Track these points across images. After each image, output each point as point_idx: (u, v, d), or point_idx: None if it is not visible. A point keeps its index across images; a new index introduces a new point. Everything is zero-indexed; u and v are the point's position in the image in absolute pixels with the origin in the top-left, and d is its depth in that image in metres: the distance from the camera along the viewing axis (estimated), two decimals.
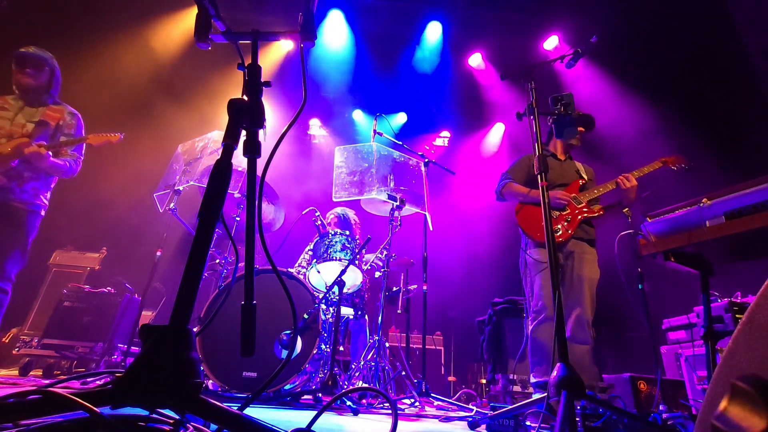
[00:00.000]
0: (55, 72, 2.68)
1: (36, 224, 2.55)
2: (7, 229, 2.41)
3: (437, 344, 4.90)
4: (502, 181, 2.72)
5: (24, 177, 2.45)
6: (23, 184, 2.46)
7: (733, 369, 0.58)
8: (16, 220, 2.45)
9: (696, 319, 2.84)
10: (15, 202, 2.44)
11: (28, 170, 2.46)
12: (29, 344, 3.23)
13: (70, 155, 2.63)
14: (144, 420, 0.79)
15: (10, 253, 2.40)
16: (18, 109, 2.54)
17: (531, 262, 2.48)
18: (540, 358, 2.28)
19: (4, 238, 2.41)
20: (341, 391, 1.43)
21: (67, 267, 4.11)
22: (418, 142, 6.56)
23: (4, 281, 2.39)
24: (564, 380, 1.19)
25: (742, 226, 1.43)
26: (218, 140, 2.81)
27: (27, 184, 2.47)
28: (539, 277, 2.39)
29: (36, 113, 2.56)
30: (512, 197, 2.64)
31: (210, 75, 5.42)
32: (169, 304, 4.28)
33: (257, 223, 0.97)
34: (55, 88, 2.68)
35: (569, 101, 1.90)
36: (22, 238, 2.46)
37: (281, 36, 1.13)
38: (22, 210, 2.47)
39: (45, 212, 2.63)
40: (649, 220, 1.76)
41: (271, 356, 2.19)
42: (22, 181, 2.45)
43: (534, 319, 2.36)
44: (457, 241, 6.00)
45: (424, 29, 5.56)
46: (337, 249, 2.78)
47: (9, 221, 2.42)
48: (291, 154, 6.23)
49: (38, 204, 2.55)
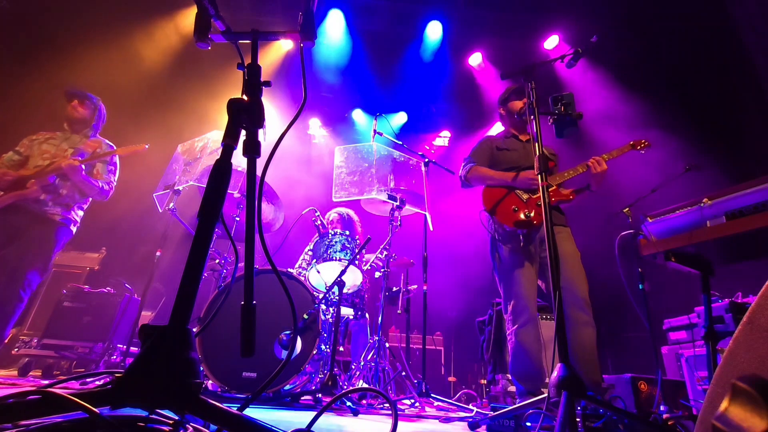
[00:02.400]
0: (99, 111, 3.05)
1: (64, 239, 2.72)
2: (37, 238, 2.56)
3: (437, 344, 4.90)
4: (466, 164, 2.54)
5: (59, 193, 2.68)
6: (58, 198, 2.68)
7: (733, 369, 0.58)
8: (47, 230, 2.61)
9: (697, 319, 2.84)
10: (48, 213, 2.63)
11: (64, 187, 2.70)
12: (29, 344, 3.23)
13: (104, 178, 2.88)
14: (144, 420, 0.79)
15: (35, 263, 2.53)
16: (63, 140, 2.87)
17: (505, 257, 2.26)
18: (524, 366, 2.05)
19: (34, 247, 2.54)
20: (341, 392, 1.43)
21: (66, 267, 4.10)
22: (418, 142, 6.56)
23: (24, 289, 2.48)
24: (564, 380, 1.19)
25: (743, 226, 1.43)
26: (218, 140, 2.82)
27: (62, 198, 2.69)
28: (517, 274, 2.18)
29: (78, 142, 2.89)
30: (478, 181, 2.46)
31: (210, 75, 5.41)
32: (169, 304, 4.27)
33: (257, 223, 0.97)
34: (97, 124, 3.04)
35: (569, 101, 1.89)
36: (49, 250, 2.61)
37: (281, 36, 1.13)
38: (53, 221, 2.64)
39: (76, 229, 2.81)
40: (649, 220, 1.76)
41: (271, 356, 2.19)
42: (57, 196, 2.68)
43: (514, 321, 2.14)
44: (457, 241, 6.00)
45: (424, 29, 5.56)
46: (337, 249, 2.78)
47: (40, 231, 2.58)
48: (291, 154, 6.22)
49: (70, 219, 2.73)
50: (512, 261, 2.23)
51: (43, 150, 2.76)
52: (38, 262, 2.54)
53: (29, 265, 2.49)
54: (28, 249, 2.51)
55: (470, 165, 2.51)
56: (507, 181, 2.33)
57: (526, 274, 2.19)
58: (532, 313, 2.10)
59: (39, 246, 2.56)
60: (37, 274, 2.54)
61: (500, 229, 2.31)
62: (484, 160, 2.53)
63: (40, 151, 2.74)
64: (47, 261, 2.60)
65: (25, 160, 2.72)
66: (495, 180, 2.37)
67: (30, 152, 2.75)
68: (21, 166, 2.70)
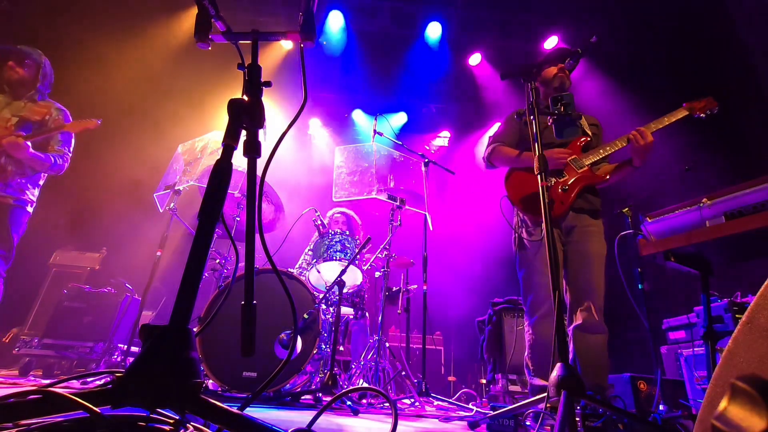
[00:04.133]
0: (43, 68, 2.67)
1: (22, 220, 2.52)
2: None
3: (437, 344, 4.90)
4: (489, 145, 2.35)
5: (8, 171, 2.43)
6: (7, 178, 2.43)
7: (732, 369, 0.58)
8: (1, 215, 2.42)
9: (696, 319, 2.84)
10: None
11: (12, 164, 2.44)
12: (29, 344, 3.23)
13: (56, 150, 2.60)
14: (144, 420, 0.79)
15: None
16: (4, 105, 2.54)
17: (527, 246, 2.09)
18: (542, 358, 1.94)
19: None
20: (341, 391, 1.44)
21: (67, 267, 4.11)
22: (418, 142, 6.56)
23: None
24: (564, 380, 1.19)
25: (742, 226, 1.43)
26: (218, 140, 2.82)
27: (11, 179, 2.44)
28: (539, 265, 2.01)
29: (23, 108, 2.56)
30: (502, 162, 2.27)
31: (210, 75, 5.42)
32: (169, 304, 4.28)
33: (257, 223, 0.98)
34: (43, 84, 2.68)
35: (569, 101, 1.88)
36: (7, 235, 2.43)
37: (281, 36, 1.13)
38: (5, 204, 2.44)
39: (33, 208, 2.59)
40: (649, 220, 1.76)
41: (271, 356, 2.19)
42: (6, 176, 2.43)
43: (532, 313, 2.02)
44: (457, 241, 6.00)
45: (424, 29, 5.56)
46: (337, 249, 2.79)
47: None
48: (291, 154, 6.23)
49: (24, 199, 2.51)
50: (534, 251, 2.05)
51: None
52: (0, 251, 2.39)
53: None
54: None
55: (493, 145, 2.31)
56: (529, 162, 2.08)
57: None
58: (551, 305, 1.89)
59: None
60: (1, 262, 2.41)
61: (525, 218, 2.14)
62: (511, 137, 2.30)
63: None
64: (10, 246, 2.43)
65: None
66: (518, 161, 2.16)
67: None
68: None
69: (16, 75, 2.58)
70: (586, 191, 2.09)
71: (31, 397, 0.69)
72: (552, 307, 1.88)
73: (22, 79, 2.59)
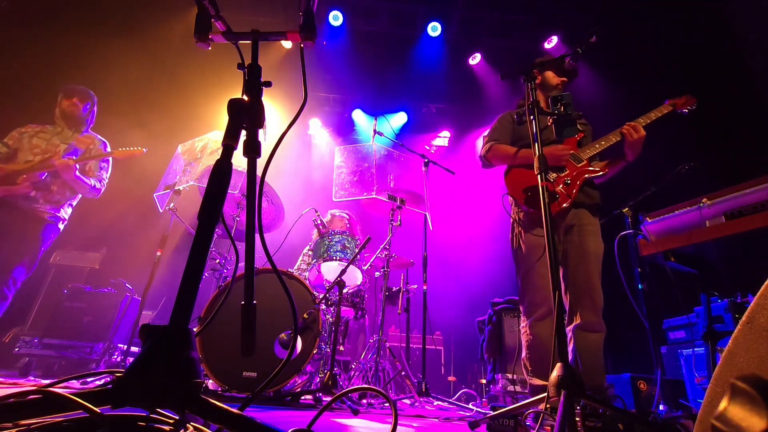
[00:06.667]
0: (95, 108, 3.01)
1: (51, 236, 2.69)
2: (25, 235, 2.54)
3: (437, 344, 4.90)
4: (486, 143, 2.35)
5: (51, 190, 2.66)
6: (48, 195, 2.65)
7: (733, 369, 0.58)
8: (35, 227, 2.59)
9: (696, 319, 2.84)
10: (38, 211, 2.61)
11: (56, 184, 2.68)
12: (30, 344, 3.23)
13: (96, 176, 2.85)
14: (144, 420, 0.79)
15: (20, 260, 2.51)
16: (54, 134, 2.82)
17: (526, 245, 2.09)
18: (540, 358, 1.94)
19: (21, 244, 2.52)
20: (341, 391, 1.44)
21: (67, 267, 4.10)
22: (418, 142, 6.56)
23: (9, 287, 2.46)
24: (564, 380, 1.19)
25: (742, 226, 1.43)
26: (218, 140, 2.82)
27: (52, 196, 2.67)
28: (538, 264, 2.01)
29: (70, 137, 2.84)
30: (499, 160, 2.28)
31: (210, 75, 5.42)
32: (169, 304, 4.28)
33: (257, 223, 0.97)
34: (90, 120, 3.01)
35: (569, 101, 1.88)
36: (36, 247, 2.58)
37: (281, 36, 1.13)
38: (42, 219, 2.62)
39: (63, 226, 2.78)
40: (649, 220, 1.76)
41: (271, 356, 2.19)
42: (47, 193, 2.65)
43: (529, 314, 2.02)
44: (457, 240, 6.00)
45: (424, 29, 5.56)
46: (337, 249, 2.79)
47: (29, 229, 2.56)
48: (291, 154, 6.23)
49: (58, 216, 2.71)
50: (534, 250, 2.05)
51: (33, 144, 2.69)
52: (25, 260, 2.51)
53: (15, 263, 2.46)
54: (15, 246, 2.48)
55: (490, 143, 2.32)
56: (529, 159, 2.08)
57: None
58: (550, 306, 1.93)
59: (26, 244, 2.53)
60: (23, 271, 2.52)
61: (522, 214, 2.16)
62: (506, 137, 2.33)
63: (30, 145, 2.68)
64: (34, 259, 2.57)
65: (14, 154, 2.64)
66: (516, 158, 2.16)
67: (19, 145, 2.67)
68: (9, 159, 2.62)
69: (77, 111, 2.88)
70: (586, 185, 2.13)
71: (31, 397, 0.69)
72: (550, 309, 1.93)
73: (80, 115, 2.90)
